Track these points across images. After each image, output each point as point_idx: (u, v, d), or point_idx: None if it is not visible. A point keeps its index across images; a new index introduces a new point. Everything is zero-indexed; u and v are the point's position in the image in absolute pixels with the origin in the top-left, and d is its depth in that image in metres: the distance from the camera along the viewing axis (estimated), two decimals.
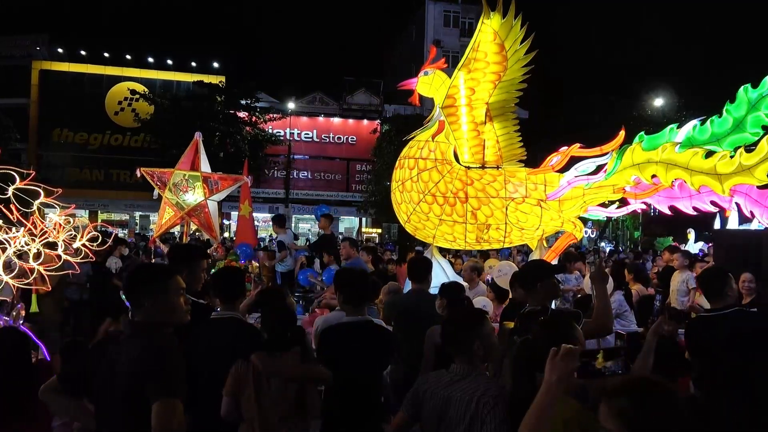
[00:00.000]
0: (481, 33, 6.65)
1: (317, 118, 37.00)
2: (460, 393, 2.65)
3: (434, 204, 7.15)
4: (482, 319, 2.87)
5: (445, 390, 2.72)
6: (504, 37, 6.63)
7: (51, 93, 33.61)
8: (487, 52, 6.75)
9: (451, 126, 7.17)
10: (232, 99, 30.31)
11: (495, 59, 6.76)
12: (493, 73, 6.84)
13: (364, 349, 3.70)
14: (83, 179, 33.45)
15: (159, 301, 2.56)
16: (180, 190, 9.57)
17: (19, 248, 5.94)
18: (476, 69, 6.85)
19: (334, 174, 37.05)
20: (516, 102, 7.16)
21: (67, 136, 34.11)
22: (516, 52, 6.72)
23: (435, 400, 2.74)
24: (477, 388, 2.62)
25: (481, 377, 2.72)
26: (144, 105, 31.08)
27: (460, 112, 7.10)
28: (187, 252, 4.14)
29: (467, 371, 2.73)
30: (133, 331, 2.51)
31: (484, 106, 7.04)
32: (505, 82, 6.90)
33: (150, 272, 2.74)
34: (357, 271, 4.29)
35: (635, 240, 29.80)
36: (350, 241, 8.53)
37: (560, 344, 2.29)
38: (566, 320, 2.73)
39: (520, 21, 6.59)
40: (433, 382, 2.84)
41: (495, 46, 6.70)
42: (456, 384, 2.70)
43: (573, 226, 7.18)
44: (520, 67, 6.82)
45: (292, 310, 3.87)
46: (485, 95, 6.97)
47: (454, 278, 7.62)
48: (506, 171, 7.22)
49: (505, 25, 6.58)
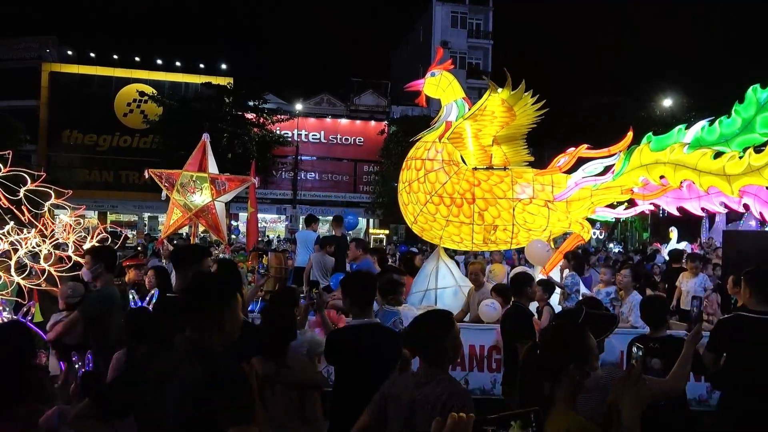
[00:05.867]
0: (488, 101, 6.73)
1: (324, 119, 37.06)
2: (425, 397, 2.61)
3: (441, 205, 7.16)
4: (450, 322, 2.81)
5: (410, 393, 2.68)
6: (513, 104, 6.70)
7: (60, 95, 33.83)
8: (494, 111, 6.86)
9: (458, 148, 7.30)
10: (240, 100, 30.39)
11: (502, 115, 6.90)
12: (501, 122, 6.97)
13: (371, 351, 3.71)
14: (92, 180, 33.66)
15: (222, 318, 2.36)
16: (188, 191, 9.61)
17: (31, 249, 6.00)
18: (483, 120, 6.98)
19: (342, 175, 37.09)
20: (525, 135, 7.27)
21: (77, 138, 34.32)
22: (525, 111, 6.81)
23: (401, 403, 2.71)
24: (443, 392, 2.57)
25: (446, 381, 2.67)
26: (152, 107, 31.20)
27: (466, 142, 7.25)
28: (190, 252, 4.14)
29: (433, 374, 2.68)
30: (190, 350, 2.30)
31: (491, 138, 7.17)
32: (515, 125, 7.00)
33: (214, 287, 2.49)
34: (362, 273, 4.30)
35: (644, 241, 29.64)
36: (358, 243, 8.53)
37: (572, 351, 2.23)
38: (578, 326, 2.64)
39: (530, 93, 6.64)
40: (399, 384, 2.82)
41: (503, 108, 6.80)
42: (421, 388, 2.65)
43: (581, 227, 7.16)
44: (531, 118, 6.91)
45: (293, 320, 3.86)
46: (492, 132, 7.14)
47: (462, 280, 7.62)
48: (513, 172, 7.23)
49: (514, 96, 6.63)
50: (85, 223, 7.27)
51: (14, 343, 3.94)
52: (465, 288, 7.36)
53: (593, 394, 2.70)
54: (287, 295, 4.60)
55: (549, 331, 2.55)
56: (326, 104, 37.69)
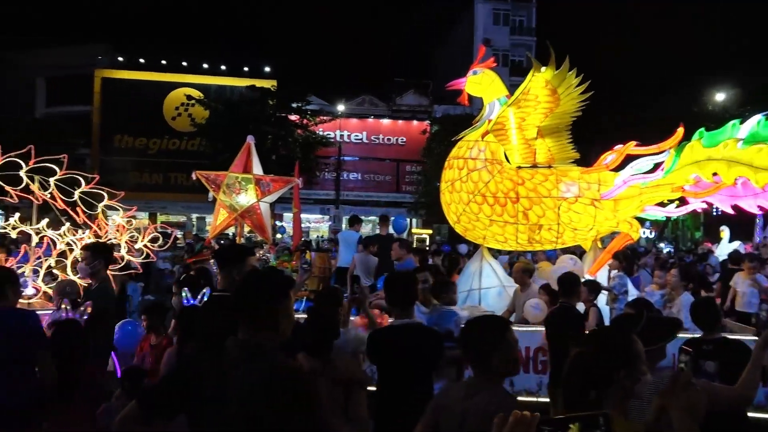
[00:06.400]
0: (531, 82, 6.63)
1: (367, 120, 37.22)
2: (475, 407, 2.51)
3: (484, 204, 7.10)
4: (504, 330, 2.66)
5: (462, 404, 2.58)
6: (557, 85, 6.59)
7: (112, 100, 34.98)
8: (537, 95, 6.76)
9: (501, 142, 7.18)
10: (284, 102, 30.82)
11: (546, 99, 6.77)
12: (545, 109, 6.85)
13: (413, 351, 3.71)
14: (143, 182, 34.65)
15: (277, 318, 2.31)
16: (233, 192, 9.79)
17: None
18: (526, 106, 6.87)
19: (384, 175, 37.17)
20: (570, 124, 7.13)
21: (128, 142, 35.44)
22: (570, 94, 6.69)
23: (452, 413, 2.60)
24: (491, 403, 2.45)
25: (496, 391, 2.56)
26: (199, 110, 31.98)
27: (509, 134, 7.13)
28: (236, 252, 4.21)
29: (483, 385, 2.58)
30: (247, 354, 2.23)
31: (535, 129, 7.03)
32: (558, 112, 6.87)
33: (268, 286, 2.39)
34: (404, 274, 4.31)
35: (696, 241, 28.67)
36: (401, 243, 8.53)
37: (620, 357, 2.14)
38: (625, 333, 2.44)
39: (575, 72, 6.51)
40: (450, 394, 2.73)
41: (546, 91, 6.70)
42: (470, 399, 2.55)
43: (629, 226, 6.99)
44: (575, 103, 6.78)
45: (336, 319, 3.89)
46: (536, 121, 7.01)
47: (507, 280, 7.54)
48: (558, 170, 7.10)
49: (558, 75, 6.52)
50: (136, 223, 7.49)
51: (73, 341, 4.13)
52: (510, 288, 7.27)
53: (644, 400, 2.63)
54: (331, 295, 4.64)
55: (595, 336, 2.43)
56: (368, 105, 37.85)
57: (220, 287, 3.95)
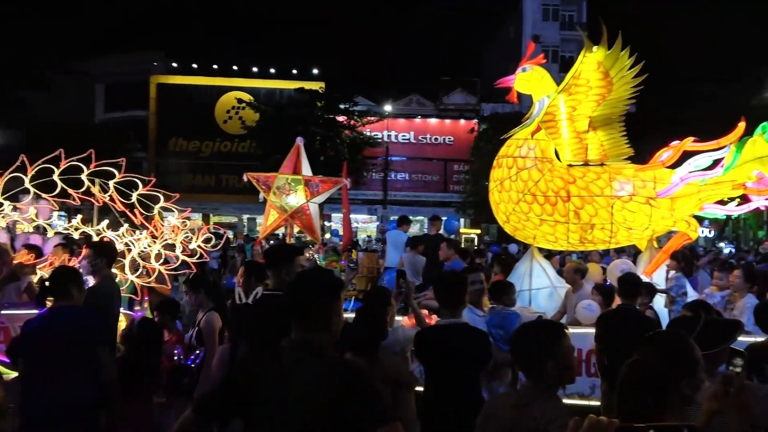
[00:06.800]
0: (582, 64, 6.49)
1: (414, 120, 37.20)
2: (526, 419, 2.37)
3: (534, 203, 6.98)
4: (559, 335, 2.52)
5: (510, 414, 2.45)
6: (609, 67, 6.45)
7: (167, 105, 36.17)
8: (589, 79, 6.61)
9: (551, 136, 7.02)
10: (332, 104, 31.16)
11: (598, 84, 6.60)
12: (597, 95, 6.69)
13: (459, 352, 3.69)
14: (196, 184, 35.62)
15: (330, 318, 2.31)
16: (283, 193, 9.95)
17: (143, 249, 6.46)
18: (577, 92, 6.72)
19: (432, 175, 37.05)
20: (623, 114, 6.92)
21: (182, 145, 36.55)
22: (623, 77, 6.50)
23: (500, 422, 2.49)
24: (544, 415, 2.32)
25: (550, 402, 2.41)
26: (250, 113, 32.69)
27: (560, 125, 6.97)
28: (285, 252, 4.27)
29: (536, 394, 2.44)
30: (304, 354, 2.24)
31: (587, 119, 6.86)
32: (611, 99, 6.69)
33: (320, 286, 2.39)
34: (452, 274, 4.29)
35: (759, 240, 27.40)
36: (449, 243, 8.49)
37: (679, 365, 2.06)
38: (683, 337, 2.31)
39: (628, 52, 6.33)
40: (500, 403, 2.64)
41: (598, 74, 6.53)
42: (523, 408, 2.42)
43: (687, 225, 6.75)
44: (628, 88, 6.59)
45: (384, 319, 3.90)
46: (588, 111, 6.82)
47: (558, 280, 7.40)
48: (611, 168, 6.93)
49: (610, 56, 6.37)
50: (190, 224, 7.71)
51: (152, 337, 4.30)
52: (561, 289, 7.14)
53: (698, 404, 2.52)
54: (378, 295, 4.66)
55: (654, 342, 2.26)
56: (415, 104, 37.82)
57: (271, 287, 4.02)
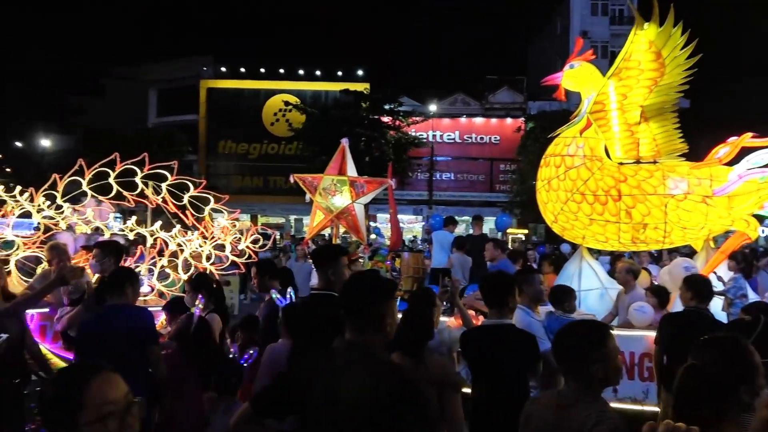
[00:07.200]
0: (633, 44, 6.29)
1: (459, 119, 36.96)
2: (569, 421, 2.30)
3: (583, 203, 6.83)
4: (605, 336, 2.43)
5: (553, 416, 2.39)
6: (661, 46, 6.21)
7: (216, 108, 37.06)
8: (640, 61, 6.38)
9: (601, 129, 6.83)
10: (376, 105, 31.27)
11: (650, 66, 6.36)
12: (648, 79, 6.45)
13: (505, 353, 3.64)
14: (244, 186, 36.40)
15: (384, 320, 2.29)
16: (329, 193, 10.03)
17: (194, 250, 6.63)
18: (628, 77, 6.50)
19: (478, 174, 36.72)
20: (676, 102, 6.67)
21: (231, 147, 37.39)
22: (676, 58, 6.26)
23: (541, 425, 2.44)
24: (588, 418, 2.23)
25: (595, 404, 2.32)
26: (296, 115, 33.17)
27: (610, 116, 6.76)
28: (331, 251, 4.30)
29: (579, 396, 2.35)
30: (356, 356, 2.24)
31: (638, 109, 6.63)
32: (663, 85, 6.46)
33: (374, 287, 2.38)
34: (499, 274, 4.23)
35: None
36: (496, 243, 8.40)
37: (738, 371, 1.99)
38: (741, 341, 2.19)
39: (680, 28, 6.11)
40: (541, 403, 2.54)
41: (650, 55, 6.30)
42: (565, 410, 2.34)
43: (746, 224, 6.49)
44: (681, 71, 6.35)
45: (431, 320, 3.88)
46: (639, 99, 6.58)
47: (608, 281, 7.22)
48: (664, 166, 6.71)
49: (662, 34, 6.16)
50: (239, 225, 7.86)
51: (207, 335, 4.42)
52: (612, 290, 6.96)
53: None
54: (425, 295, 4.64)
55: (709, 347, 2.18)
56: (460, 104, 37.54)
57: (318, 287, 4.05)
